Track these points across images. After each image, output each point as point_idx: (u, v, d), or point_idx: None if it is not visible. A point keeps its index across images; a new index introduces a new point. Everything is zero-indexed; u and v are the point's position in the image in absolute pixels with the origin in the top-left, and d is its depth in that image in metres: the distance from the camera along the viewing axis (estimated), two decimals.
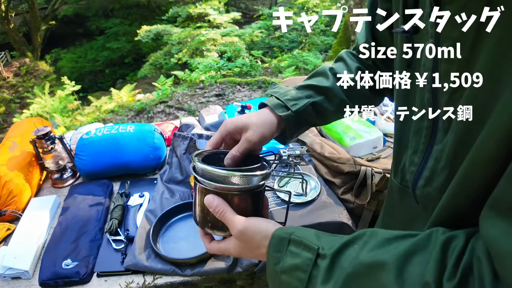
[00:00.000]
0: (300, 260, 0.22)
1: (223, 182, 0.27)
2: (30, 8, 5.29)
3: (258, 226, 0.26)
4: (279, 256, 0.24)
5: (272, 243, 0.24)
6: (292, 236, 0.24)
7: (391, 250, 0.20)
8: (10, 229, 0.57)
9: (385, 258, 0.19)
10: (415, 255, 0.19)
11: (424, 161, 0.26)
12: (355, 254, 0.21)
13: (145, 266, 0.47)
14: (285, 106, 0.34)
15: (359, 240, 0.22)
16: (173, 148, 0.68)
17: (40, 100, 3.03)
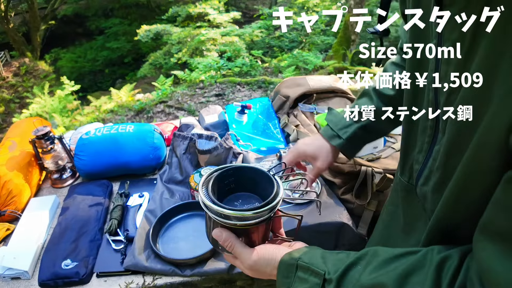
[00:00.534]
0: (308, 285, 0.23)
1: (231, 219, 0.27)
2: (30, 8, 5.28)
3: (266, 257, 0.27)
4: (289, 282, 0.25)
5: (280, 270, 0.26)
6: (299, 262, 0.25)
7: (390, 272, 0.20)
8: (9, 229, 0.56)
9: (384, 280, 0.20)
10: (412, 275, 0.19)
11: (426, 160, 0.27)
12: (358, 276, 0.22)
13: (145, 266, 0.47)
14: (338, 136, 0.42)
15: (362, 260, 0.23)
16: (173, 148, 0.68)
17: (40, 100, 3.02)
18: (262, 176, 0.30)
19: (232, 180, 0.31)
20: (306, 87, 0.78)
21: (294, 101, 0.77)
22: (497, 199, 0.17)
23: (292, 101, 0.77)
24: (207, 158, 0.63)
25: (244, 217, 0.26)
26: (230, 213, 0.26)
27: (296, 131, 0.69)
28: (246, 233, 0.28)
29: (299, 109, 0.76)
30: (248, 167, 0.31)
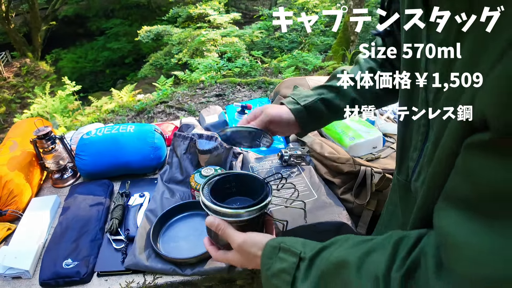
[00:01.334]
0: (286, 264, 0.26)
1: (224, 216, 0.31)
2: (31, 9, 5.30)
3: (254, 239, 0.30)
4: (270, 262, 0.27)
5: (264, 252, 0.28)
6: (281, 244, 0.27)
7: (355, 251, 0.22)
8: (10, 229, 0.57)
9: (349, 258, 0.22)
10: (372, 253, 0.21)
11: (419, 158, 0.28)
12: (328, 255, 0.24)
13: (146, 265, 0.47)
14: (297, 102, 0.39)
15: (334, 244, 0.25)
16: (173, 148, 0.68)
17: (41, 100, 3.03)
18: (257, 182, 0.34)
19: (233, 184, 0.35)
20: (306, 88, 0.78)
21: None
22: (458, 166, 0.17)
23: None
24: (207, 158, 0.64)
25: (236, 214, 0.31)
26: (225, 210, 0.30)
27: None
28: (237, 227, 0.31)
29: None
30: (245, 174, 0.36)
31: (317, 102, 0.39)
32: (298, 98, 0.40)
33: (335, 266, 0.22)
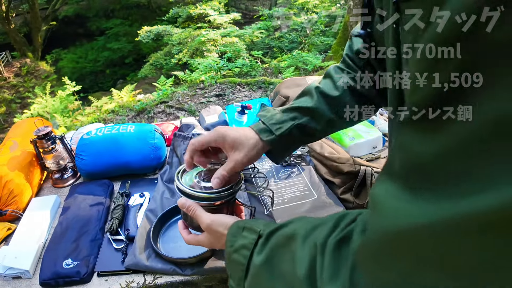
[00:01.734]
0: (247, 240, 0.27)
1: (194, 198, 0.33)
2: (31, 9, 5.30)
3: (221, 219, 0.32)
4: (234, 240, 0.28)
5: (230, 231, 0.30)
6: (246, 225, 0.29)
7: (305, 226, 0.24)
8: (10, 229, 0.57)
9: (298, 231, 0.23)
10: (319, 227, 0.23)
11: None
12: (282, 231, 0.25)
13: (146, 265, 0.48)
14: (270, 131, 0.35)
15: (291, 223, 0.26)
16: (174, 148, 0.68)
17: (41, 100, 3.03)
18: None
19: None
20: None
21: None
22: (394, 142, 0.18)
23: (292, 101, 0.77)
24: None
25: (208, 198, 0.33)
26: (198, 194, 0.33)
27: None
28: (207, 209, 0.33)
29: None
30: (218, 162, 0.38)
31: (291, 129, 0.35)
32: (271, 125, 0.35)
33: (285, 239, 0.24)
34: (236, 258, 0.27)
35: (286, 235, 0.24)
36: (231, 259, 0.28)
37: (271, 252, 0.25)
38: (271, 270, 0.24)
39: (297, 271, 0.21)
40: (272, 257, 0.24)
